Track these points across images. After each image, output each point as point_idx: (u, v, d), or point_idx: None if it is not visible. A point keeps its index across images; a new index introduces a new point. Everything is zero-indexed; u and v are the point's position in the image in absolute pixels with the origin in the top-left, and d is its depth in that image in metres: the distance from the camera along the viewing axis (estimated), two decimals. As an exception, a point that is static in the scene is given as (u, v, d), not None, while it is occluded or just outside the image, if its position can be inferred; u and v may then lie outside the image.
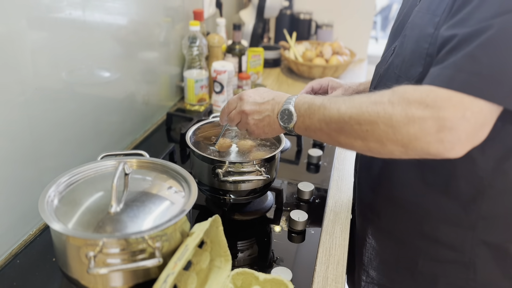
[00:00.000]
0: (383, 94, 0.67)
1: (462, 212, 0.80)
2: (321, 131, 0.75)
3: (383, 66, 0.92)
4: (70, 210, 0.72)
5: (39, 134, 0.91)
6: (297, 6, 2.29)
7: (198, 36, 1.48)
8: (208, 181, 0.94)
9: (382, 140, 0.66)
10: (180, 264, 0.66)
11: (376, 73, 0.96)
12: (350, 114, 0.68)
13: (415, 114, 0.62)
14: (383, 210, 0.92)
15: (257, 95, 0.84)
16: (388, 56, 0.92)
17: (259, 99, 0.83)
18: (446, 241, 0.83)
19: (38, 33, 0.89)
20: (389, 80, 0.86)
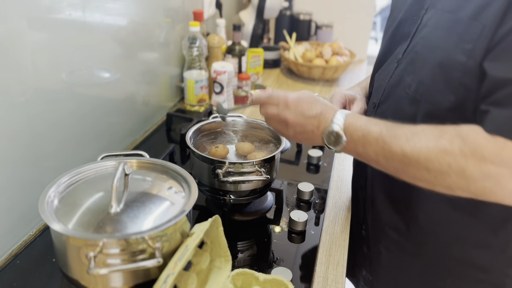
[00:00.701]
0: (452, 141, 0.63)
1: (492, 235, 0.79)
2: (376, 163, 0.71)
3: (386, 80, 0.87)
4: (70, 210, 0.72)
5: (39, 135, 0.91)
6: (297, 7, 2.29)
7: (198, 37, 1.48)
8: (208, 181, 0.94)
9: (451, 188, 0.65)
10: (180, 265, 0.66)
11: (379, 86, 0.90)
12: (418, 158, 0.65)
13: (491, 170, 0.61)
14: (409, 233, 0.88)
15: (305, 105, 0.76)
16: (391, 68, 0.87)
17: (306, 110, 0.75)
18: (475, 263, 0.82)
19: (38, 33, 0.89)
20: (401, 101, 0.81)
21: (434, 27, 0.76)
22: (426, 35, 0.77)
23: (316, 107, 0.75)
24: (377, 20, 5.67)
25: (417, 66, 0.78)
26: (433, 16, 0.77)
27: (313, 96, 0.78)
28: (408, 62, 0.81)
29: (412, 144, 0.66)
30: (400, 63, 0.84)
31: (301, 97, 0.77)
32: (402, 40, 0.86)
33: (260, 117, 0.86)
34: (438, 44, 0.74)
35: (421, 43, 0.78)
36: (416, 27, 0.81)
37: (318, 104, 0.76)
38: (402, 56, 0.83)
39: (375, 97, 0.90)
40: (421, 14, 0.81)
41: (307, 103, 0.76)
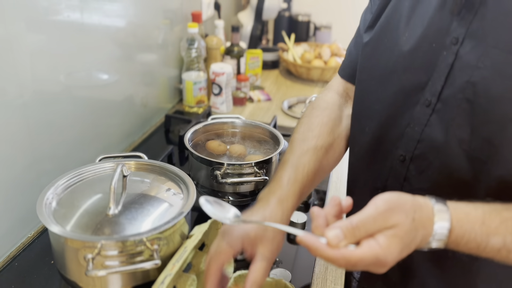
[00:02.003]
0: None
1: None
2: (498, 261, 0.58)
3: (416, 128, 0.69)
4: (68, 212, 0.72)
5: (37, 137, 0.91)
6: (296, 8, 2.29)
7: (197, 38, 1.48)
8: (207, 183, 0.94)
9: None
10: (178, 266, 0.66)
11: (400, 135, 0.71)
12: None
13: None
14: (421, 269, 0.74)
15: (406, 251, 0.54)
16: (420, 114, 0.68)
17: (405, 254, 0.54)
18: None
19: (36, 35, 0.89)
20: (455, 160, 0.64)
21: (496, 73, 0.59)
22: (483, 83, 0.60)
23: (416, 242, 0.55)
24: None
25: (476, 120, 0.62)
26: (486, 56, 0.60)
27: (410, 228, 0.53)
28: (456, 113, 0.64)
29: None
30: (437, 110, 0.66)
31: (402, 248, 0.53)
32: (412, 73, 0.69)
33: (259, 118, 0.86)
34: (508, 96, 0.58)
35: (475, 91, 0.61)
36: (450, 64, 0.64)
37: (418, 236, 0.55)
38: (438, 100, 0.66)
39: (402, 148, 0.71)
40: (449, 45, 0.64)
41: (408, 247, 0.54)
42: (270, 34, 2.32)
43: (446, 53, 0.64)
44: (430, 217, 0.55)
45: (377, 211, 0.53)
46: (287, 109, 1.60)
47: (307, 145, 0.76)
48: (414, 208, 0.55)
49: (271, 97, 1.71)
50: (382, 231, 0.52)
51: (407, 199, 0.55)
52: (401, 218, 0.53)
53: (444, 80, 0.65)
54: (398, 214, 0.53)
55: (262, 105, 1.65)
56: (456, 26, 0.64)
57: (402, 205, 0.54)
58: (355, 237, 0.52)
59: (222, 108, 1.53)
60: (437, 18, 0.66)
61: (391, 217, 0.53)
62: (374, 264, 0.52)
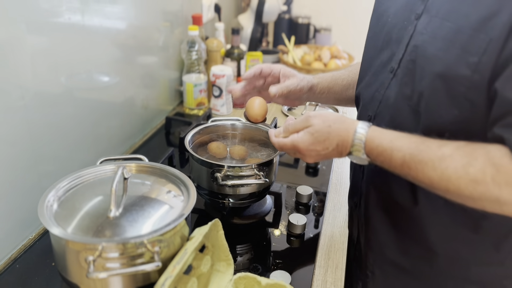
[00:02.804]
0: (484, 170, 0.61)
1: (494, 250, 0.78)
2: (406, 177, 0.70)
3: (381, 91, 0.83)
4: (70, 214, 0.72)
5: (38, 139, 0.91)
6: (295, 11, 2.30)
7: (197, 41, 1.48)
8: (207, 185, 0.94)
9: (485, 208, 0.65)
10: (179, 268, 0.66)
11: (371, 98, 0.86)
12: (446, 187, 0.64)
13: None
14: (407, 252, 0.86)
15: (318, 146, 0.75)
16: (385, 79, 0.82)
17: (321, 150, 0.75)
18: (475, 280, 0.82)
19: (38, 37, 0.89)
20: (401, 113, 0.77)
21: (432, 36, 0.72)
22: (423, 44, 0.73)
23: (330, 143, 0.74)
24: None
25: (415, 77, 0.74)
26: (430, 23, 0.73)
27: (323, 130, 0.74)
28: (404, 73, 0.77)
29: (439, 172, 0.64)
30: (396, 74, 0.79)
31: (308, 141, 0.75)
32: (390, 46, 0.82)
33: None
34: (438, 55, 0.70)
35: (418, 52, 0.74)
36: (410, 35, 0.77)
37: (332, 139, 0.74)
38: (398, 66, 0.79)
39: (370, 109, 0.86)
40: (413, 19, 0.77)
41: (318, 143, 0.75)
42: (270, 36, 2.32)
43: (410, 27, 0.78)
44: (349, 130, 0.73)
45: (305, 116, 0.77)
46: (287, 111, 1.60)
47: (349, 69, 1.06)
48: (335, 120, 0.75)
49: (271, 99, 1.71)
50: (303, 129, 0.77)
51: (334, 114, 0.77)
52: (318, 122, 0.75)
53: (405, 49, 0.78)
54: (317, 119, 0.75)
55: (262, 107, 1.65)
56: (419, 4, 0.77)
57: (324, 115, 0.76)
58: (288, 131, 0.80)
59: (222, 110, 1.54)
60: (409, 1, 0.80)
61: (311, 120, 0.76)
62: (292, 148, 0.78)
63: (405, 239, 0.85)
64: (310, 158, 0.77)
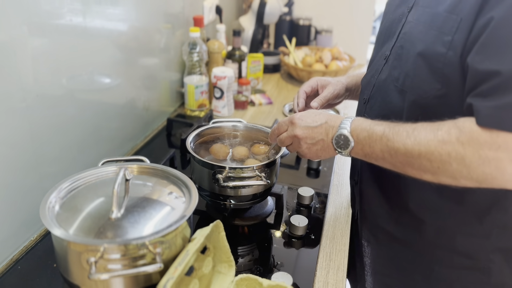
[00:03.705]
0: (449, 131, 0.66)
1: (477, 222, 0.81)
2: (383, 160, 0.75)
3: (375, 76, 0.91)
4: (71, 216, 0.72)
5: (40, 140, 0.91)
6: (297, 12, 2.30)
7: (198, 42, 1.49)
8: (209, 186, 0.94)
9: (455, 176, 0.67)
10: (180, 269, 0.66)
11: (367, 83, 0.95)
12: (419, 151, 0.69)
13: (489, 155, 0.63)
14: (398, 221, 0.91)
15: (309, 118, 0.83)
16: (379, 65, 0.91)
17: (311, 122, 0.82)
18: (461, 250, 0.84)
19: (39, 39, 0.89)
20: (390, 94, 0.85)
21: (416, 22, 0.81)
22: (409, 30, 0.82)
23: (320, 118, 0.82)
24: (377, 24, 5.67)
25: (402, 60, 0.82)
26: (415, 13, 0.82)
27: (316, 111, 0.86)
28: (394, 58, 0.85)
29: (412, 139, 0.70)
30: (388, 60, 0.88)
31: (304, 113, 0.85)
32: (390, 38, 0.90)
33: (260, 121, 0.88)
34: (419, 37, 0.78)
35: (405, 38, 0.83)
36: (402, 25, 0.86)
37: (322, 115, 0.83)
38: (390, 53, 0.88)
39: (366, 93, 0.95)
40: (406, 12, 0.86)
41: (311, 116, 0.83)
42: (271, 38, 2.32)
43: (404, 19, 0.86)
44: (338, 117, 0.81)
45: None
46: (288, 113, 1.60)
47: None
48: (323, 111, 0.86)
49: (272, 100, 1.72)
50: None
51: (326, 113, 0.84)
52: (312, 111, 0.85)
53: (396, 37, 0.87)
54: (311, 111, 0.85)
55: (263, 108, 1.66)
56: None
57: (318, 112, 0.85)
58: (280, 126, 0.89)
59: (223, 112, 1.54)
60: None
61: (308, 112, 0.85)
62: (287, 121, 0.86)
63: (395, 208, 0.90)
64: (299, 129, 0.83)
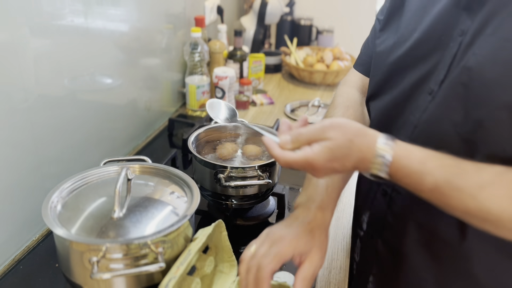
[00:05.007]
0: None
1: None
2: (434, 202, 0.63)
3: (416, 114, 0.72)
4: (73, 215, 0.72)
5: (41, 140, 0.92)
6: (298, 12, 2.30)
7: (200, 43, 1.49)
8: (210, 186, 0.94)
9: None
10: (182, 268, 0.66)
11: (404, 121, 0.74)
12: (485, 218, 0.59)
13: None
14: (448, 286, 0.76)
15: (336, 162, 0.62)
16: (422, 101, 0.71)
17: (338, 166, 0.62)
18: None
19: (41, 40, 0.89)
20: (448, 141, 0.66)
21: (490, 58, 0.62)
22: (479, 67, 0.63)
23: (349, 161, 0.62)
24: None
25: (469, 103, 0.64)
26: (485, 43, 0.63)
27: (344, 145, 0.61)
28: (452, 97, 0.66)
29: (478, 203, 0.58)
30: (436, 96, 0.69)
31: (330, 157, 0.61)
32: (423, 64, 0.72)
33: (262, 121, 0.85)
34: (500, 81, 0.60)
35: (473, 76, 0.63)
36: (453, 54, 0.67)
37: (352, 155, 0.62)
38: (439, 88, 0.69)
39: (402, 134, 0.74)
40: (456, 36, 0.67)
41: (338, 160, 0.62)
42: (272, 38, 2.32)
43: (452, 44, 0.68)
44: (371, 146, 0.61)
45: (321, 125, 0.63)
46: (289, 113, 1.60)
47: None
48: (357, 133, 0.62)
49: (274, 100, 1.72)
50: (318, 141, 0.62)
51: (354, 125, 0.63)
52: (338, 134, 0.61)
53: (447, 69, 0.68)
54: (336, 130, 0.62)
55: (264, 108, 1.66)
56: (464, 19, 0.67)
57: (344, 126, 0.63)
58: (298, 142, 0.63)
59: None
60: (447, 13, 0.69)
61: (330, 131, 0.62)
62: (306, 166, 0.62)
63: (448, 273, 0.76)
64: (323, 174, 0.63)
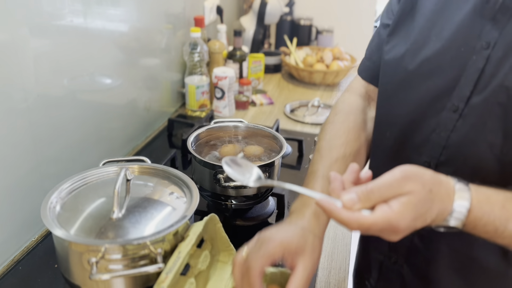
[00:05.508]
0: None
1: None
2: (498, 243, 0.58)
3: (443, 134, 0.67)
4: (72, 216, 0.72)
5: (41, 141, 0.91)
6: (298, 12, 2.30)
7: (199, 43, 1.48)
8: (210, 186, 0.94)
9: None
10: (171, 276, 0.65)
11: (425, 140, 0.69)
12: None
13: None
14: None
15: (419, 221, 0.53)
16: (447, 119, 0.66)
17: (419, 224, 0.54)
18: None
19: (40, 40, 0.89)
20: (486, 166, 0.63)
21: None
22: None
23: (430, 215, 0.54)
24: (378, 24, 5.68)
25: (508, 124, 0.60)
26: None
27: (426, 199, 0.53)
28: (487, 117, 0.62)
29: None
30: (464, 115, 0.64)
31: (415, 216, 0.53)
32: (439, 77, 0.67)
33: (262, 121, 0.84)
34: None
35: (509, 95, 0.59)
36: (481, 68, 0.62)
37: (434, 209, 0.54)
38: (465, 105, 0.64)
39: (426, 154, 0.69)
40: (479, 49, 0.63)
41: (421, 216, 0.53)
42: (272, 38, 2.32)
43: (476, 57, 0.63)
44: (450, 194, 0.55)
45: (393, 178, 0.53)
46: (289, 113, 1.60)
47: (336, 154, 0.76)
48: (433, 182, 0.55)
49: (274, 100, 1.72)
50: (396, 197, 0.52)
51: (427, 172, 0.55)
52: (417, 187, 0.53)
53: (473, 85, 0.63)
54: (414, 182, 0.53)
55: (264, 108, 1.65)
56: (489, 30, 0.62)
57: (420, 176, 0.54)
58: (369, 201, 0.53)
59: (224, 112, 1.54)
60: (467, 23, 0.65)
61: (407, 184, 0.52)
62: (387, 229, 0.52)
63: None
64: (403, 236, 0.54)
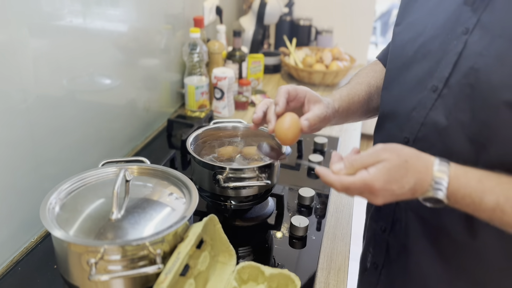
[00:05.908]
0: None
1: None
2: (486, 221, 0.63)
3: (422, 112, 0.72)
4: (72, 217, 0.72)
5: (40, 141, 0.91)
6: (297, 13, 2.30)
7: (199, 43, 1.48)
8: (209, 187, 0.94)
9: None
10: (171, 276, 0.65)
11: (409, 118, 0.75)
12: None
13: None
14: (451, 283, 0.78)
15: (395, 185, 0.62)
16: (427, 98, 0.72)
17: (397, 189, 0.62)
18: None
19: (40, 40, 0.89)
20: (454, 141, 0.68)
21: (498, 60, 0.62)
22: (486, 69, 0.63)
23: (407, 182, 0.62)
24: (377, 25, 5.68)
25: (475, 103, 0.65)
26: (492, 44, 0.64)
27: (400, 166, 0.62)
28: (458, 97, 0.67)
29: None
30: (442, 95, 0.70)
31: (386, 178, 0.62)
32: (427, 60, 0.73)
33: None
34: (507, 82, 0.61)
35: (480, 77, 0.64)
36: (458, 52, 0.68)
37: (410, 177, 0.62)
38: (444, 86, 0.70)
39: (407, 131, 0.75)
40: (460, 34, 0.68)
41: (396, 181, 0.62)
42: (271, 38, 2.32)
43: (456, 42, 0.68)
44: (428, 166, 0.63)
45: (374, 149, 0.64)
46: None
47: (361, 79, 0.92)
48: (410, 155, 0.64)
49: (273, 101, 1.71)
50: (374, 164, 0.63)
51: (406, 148, 0.65)
52: (392, 155, 0.63)
53: (452, 67, 0.68)
54: (390, 152, 0.63)
55: (264, 109, 1.65)
56: (468, 17, 0.68)
57: (399, 149, 0.64)
58: (353, 168, 0.64)
59: (224, 112, 1.54)
60: (457, 11, 0.70)
61: (383, 154, 0.63)
62: (364, 189, 0.63)
63: (451, 270, 0.77)
64: (382, 198, 0.63)
